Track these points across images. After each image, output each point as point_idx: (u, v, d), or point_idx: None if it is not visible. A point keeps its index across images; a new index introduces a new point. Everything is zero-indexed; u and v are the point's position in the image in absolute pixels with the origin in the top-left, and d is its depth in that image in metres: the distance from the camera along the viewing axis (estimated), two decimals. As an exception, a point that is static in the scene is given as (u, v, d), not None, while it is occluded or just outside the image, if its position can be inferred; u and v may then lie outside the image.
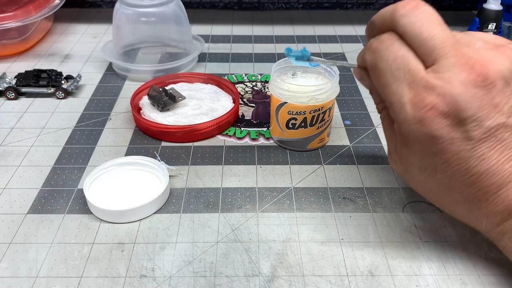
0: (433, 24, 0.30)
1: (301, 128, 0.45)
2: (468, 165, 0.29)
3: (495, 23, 0.62)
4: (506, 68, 0.29)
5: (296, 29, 0.77)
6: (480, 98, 0.28)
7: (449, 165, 0.30)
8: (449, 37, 0.29)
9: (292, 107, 0.44)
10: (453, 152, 0.29)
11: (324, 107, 0.44)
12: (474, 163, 0.29)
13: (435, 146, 0.29)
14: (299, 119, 0.44)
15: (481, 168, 0.29)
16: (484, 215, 0.31)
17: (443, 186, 0.31)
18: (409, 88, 0.29)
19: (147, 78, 0.59)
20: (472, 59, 0.28)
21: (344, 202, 0.41)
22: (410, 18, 0.30)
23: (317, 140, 0.46)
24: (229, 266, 0.34)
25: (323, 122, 0.45)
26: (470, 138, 0.28)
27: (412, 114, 0.29)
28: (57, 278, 0.33)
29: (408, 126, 0.30)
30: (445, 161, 0.30)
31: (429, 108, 0.29)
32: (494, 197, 0.30)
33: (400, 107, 0.30)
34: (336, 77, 0.44)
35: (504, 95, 0.28)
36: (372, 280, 0.33)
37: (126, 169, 0.43)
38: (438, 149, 0.29)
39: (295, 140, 0.46)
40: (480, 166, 0.29)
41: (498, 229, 0.31)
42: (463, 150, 0.29)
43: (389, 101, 0.31)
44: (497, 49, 0.30)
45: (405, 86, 0.30)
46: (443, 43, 0.29)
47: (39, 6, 0.65)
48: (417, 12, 0.30)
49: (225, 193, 0.42)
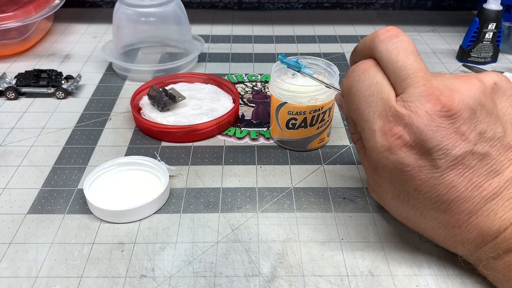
0: (409, 54, 0.31)
1: (301, 128, 0.45)
2: (438, 193, 0.30)
3: (495, 23, 0.62)
4: (471, 97, 0.29)
5: (296, 29, 0.77)
6: (445, 128, 0.29)
7: (420, 192, 0.30)
8: (422, 67, 0.30)
9: (292, 107, 0.44)
10: (422, 179, 0.30)
11: (324, 107, 0.44)
12: (443, 191, 0.30)
13: (404, 173, 0.30)
14: (299, 119, 0.44)
15: (450, 195, 0.29)
16: (459, 242, 0.31)
17: (418, 213, 0.32)
18: (380, 116, 0.30)
19: (147, 78, 0.59)
20: (438, 89, 0.29)
21: (344, 202, 0.41)
22: (388, 45, 0.31)
23: (317, 140, 0.46)
24: (229, 266, 0.34)
25: (323, 122, 0.45)
26: (437, 166, 0.29)
27: (381, 142, 0.30)
28: (57, 278, 0.33)
29: (377, 154, 0.31)
30: (415, 188, 0.30)
31: (396, 138, 0.29)
32: (466, 224, 0.30)
33: (370, 134, 0.31)
34: (336, 77, 0.44)
35: (471, 123, 0.29)
36: (372, 280, 0.33)
37: (126, 169, 0.43)
38: (407, 176, 0.30)
39: (295, 140, 0.46)
40: (450, 194, 0.29)
41: (474, 256, 0.31)
42: (431, 177, 0.29)
43: (361, 127, 0.32)
44: (464, 79, 0.31)
45: (376, 113, 0.30)
46: (415, 73, 0.30)
47: (39, 6, 0.65)
48: (395, 40, 0.31)
49: (225, 193, 0.42)
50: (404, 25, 0.80)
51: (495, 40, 0.64)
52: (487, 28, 0.63)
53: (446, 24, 0.81)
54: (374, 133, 0.30)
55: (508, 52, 0.69)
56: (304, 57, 0.47)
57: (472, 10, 0.87)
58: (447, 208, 0.30)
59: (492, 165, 0.29)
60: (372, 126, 0.31)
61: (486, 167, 0.29)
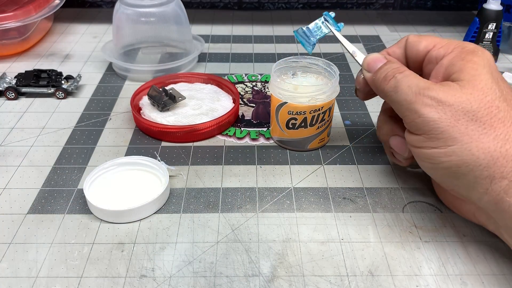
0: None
1: (301, 128, 0.45)
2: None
3: (495, 23, 0.62)
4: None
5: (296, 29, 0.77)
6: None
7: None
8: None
9: (292, 107, 0.44)
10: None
11: (324, 107, 0.44)
12: None
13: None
14: (299, 119, 0.44)
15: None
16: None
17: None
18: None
19: (147, 78, 0.59)
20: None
21: (344, 202, 0.41)
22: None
23: (317, 140, 0.46)
24: (229, 266, 0.34)
25: (323, 122, 0.45)
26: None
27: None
28: (57, 278, 0.33)
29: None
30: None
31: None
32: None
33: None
34: (336, 77, 0.44)
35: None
36: (372, 280, 0.33)
37: (126, 169, 0.43)
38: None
39: (295, 140, 0.46)
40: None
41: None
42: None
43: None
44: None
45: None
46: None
47: (39, 6, 0.65)
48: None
49: (225, 193, 0.42)
50: (404, 25, 0.80)
51: (495, 40, 0.64)
52: (487, 28, 0.63)
53: (446, 24, 0.81)
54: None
55: (508, 52, 0.69)
56: (304, 57, 0.47)
57: (472, 10, 0.87)
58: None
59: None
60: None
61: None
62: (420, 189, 0.42)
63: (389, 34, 0.76)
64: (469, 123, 0.31)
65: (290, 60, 0.47)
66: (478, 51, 0.34)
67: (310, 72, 0.47)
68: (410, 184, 0.43)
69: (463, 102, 0.31)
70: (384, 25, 0.80)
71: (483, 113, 0.31)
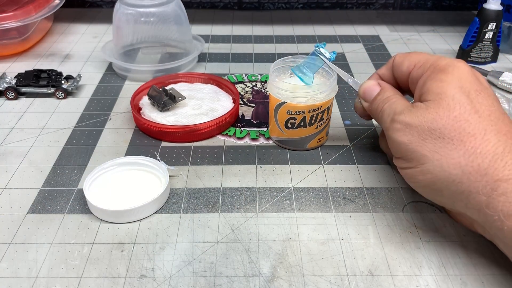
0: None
1: (300, 128, 0.45)
2: None
3: (495, 23, 0.62)
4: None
5: (296, 29, 0.77)
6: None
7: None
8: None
9: (291, 106, 0.44)
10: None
11: (323, 106, 0.44)
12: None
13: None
14: (298, 118, 0.44)
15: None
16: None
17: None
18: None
19: (147, 78, 0.59)
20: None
21: (344, 202, 0.41)
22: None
23: (316, 139, 0.46)
24: (229, 266, 0.34)
25: (322, 121, 0.45)
26: None
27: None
28: (57, 278, 0.33)
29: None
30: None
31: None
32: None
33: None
34: (334, 76, 0.44)
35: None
36: (372, 280, 0.33)
37: (126, 169, 0.43)
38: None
39: (294, 139, 0.46)
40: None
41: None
42: None
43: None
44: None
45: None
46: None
47: (39, 6, 0.65)
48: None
49: (225, 193, 0.42)
50: (404, 25, 0.80)
51: (495, 40, 0.64)
52: (487, 28, 0.63)
53: (446, 24, 0.80)
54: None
55: (508, 52, 0.69)
56: (301, 56, 0.47)
57: (472, 10, 0.87)
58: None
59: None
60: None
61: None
62: (420, 189, 0.42)
63: (389, 34, 0.76)
64: (437, 141, 0.32)
65: (287, 60, 0.47)
66: (449, 67, 0.34)
67: (308, 71, 0.47)
68: (410, 184, 0.43)
69: (428, 122, 0.33)
70: (384, 25, 0.80)
71: (450, 129, 0.32)
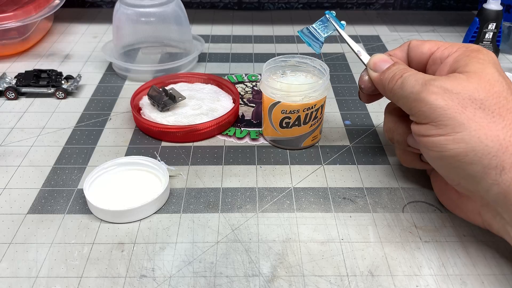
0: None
1: (295, 127, 0.45)
2: None
3: (495, 23, 0.62)
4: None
5: (296, 29, 0.77)
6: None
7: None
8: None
9: (285, 106, 0.44)
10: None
11: (317, 104, 0.44)
12: None
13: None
14: (293, 117, 0.44)
15: None
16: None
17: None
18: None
19: (147, 78, 0.59)
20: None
21: (344, 202, 0.41)
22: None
23: (311, 138, 0.47)
24: (229, 266, 0.34)
25: (316, 119, 0.45)
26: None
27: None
28: (57, 278, 0.33)
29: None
30: None
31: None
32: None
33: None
34: (327, 74, 0.44)
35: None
36: (372, 280, 0.33)
37: (126, 169, 0.43)
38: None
39: (289, 139, 0.46)
40: None
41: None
42: None
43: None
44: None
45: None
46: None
47: (39, 6, 0.65)
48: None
49: (225, 193, 0.42)
50: (404, 25, 0.80)
51: (495, 40, 0.64)
52: (487, 28, 0.63)
53: (446, 24, 0.81)
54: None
55: (508, 52, 0.69)
56: (292, 56, 0.47)
57: (472, 10, 0.87)
58: None
59: None
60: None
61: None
62: (420, 189, 0.42)
63: (389, 34, 0.76)
64: (477, 110, 0.31)
65: (279, 59, 0.47)
66: (483, 50, 0.34)
67: (299, 70, 0.47)
68: (410, 184, 0.43)
69: (470, 91, 0.31)
70: (384, 25, 0.80)
71: (491, 102, 0.31)
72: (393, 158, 0.46)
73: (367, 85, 0.40)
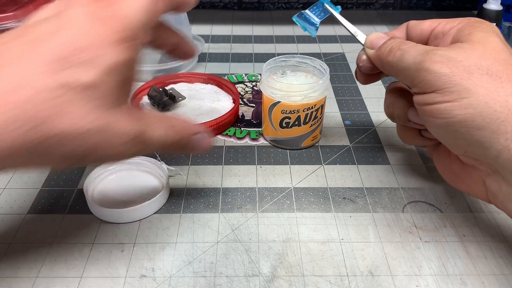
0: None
1: (295, 127, 0.45)
2: None
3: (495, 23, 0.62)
4: None
5: (296, 29, 0.77)
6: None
7: None
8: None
9: (285, 106, 0.44)
10: None
11: (317, 104, 0.44)
12: None
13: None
14: (293, 117, 0.44)
15: None
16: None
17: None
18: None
19: (147, 78, 0.59)
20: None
21: (344, 202, 0.41)
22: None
23: (311, 138, 0.47)
24: (229, 266, 0.34)
25: (316, 119, 0.45)
26: None
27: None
28: (57, 278, 0.33)
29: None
30: None
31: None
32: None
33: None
34: (327, 74, 0.44)
35: None
36: (372, 280, 0.33)
37: (126, 169, 0.43)
38: None
39: (289, 139, 0.46)
40: None
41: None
42: None
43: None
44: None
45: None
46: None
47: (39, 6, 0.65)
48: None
49: (225, 193, 0.42)
50: (404, 25, 0.80)
51: (495, 40, 0.64)
52: (487, 28, 0.63)
53: (446, 24, 0.80)
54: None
55: (508, 52, 0.69)
56: (292, 56, 0.47)
57: (472, 10, 0.87)
58: None
59: None
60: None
61: None
62: (420, 189, 0.42)
63: (389, 34, 0.76)
64: (484, 76, 0.30)
65: (279, 59, 0.47)
66: (486, 22, 0.34)
67: (299, 70, 0.48)
68: (410, 184, 0.43)
69: (475, 58, 0.31)
70: (384, 25, 0.80)
71: (498, 69, 0.30)
72: (393, 158, 0.46)
73: (365, 64, 0.39)
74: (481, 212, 0.39)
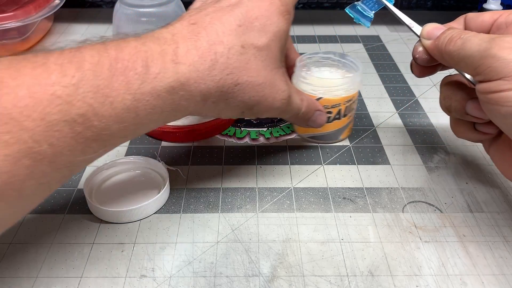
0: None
1: (336, 120, 0.46)
2: None
3: (495, 23, 0.62)
4: None
5: (296, 29, 0.77)
6: None
7: None
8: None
9: (328, 101, 0.44)
10: None
11: (354, 96, 0.45)
12: None
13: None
14: (334, 111, 0.45)
15: None
16: None
17: None
18: None
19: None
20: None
21: (344, 202, 0.41)
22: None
23: (348, 129, 0.48)
24: (229, 266, 0.34)
25: (352, 111, 0.47)
26: None
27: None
28: (57, 278, 0.33)
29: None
30: None
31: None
32: None
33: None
34: (359, 67, 0.46)
35: None
36: (372, 280, 0.33)
37: (126, 169, 0.43)
38: None
39: (329, 133, 0.47)
40: None
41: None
42: None
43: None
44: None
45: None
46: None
47: (39, 6, 0.65)
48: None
49: (225, 193, 0.42)
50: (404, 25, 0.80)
51: (495, 40, 0.64)
52: (487, 28, 0.63)
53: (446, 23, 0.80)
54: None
55: (508, 52, 0.69)
56: (315, 53, 0.48)
57: (472, 10, 0.87)
58: None
59: None
60: None
61: None
62: (420, 189, 0.42)
63: (389, 34, 0.76)
64: None
65: (305, 57, 0.48)
66: None
67: (323, 66, 0.48)
68: (410, 184, 0.43)
69: None
70: (384, 25, 0.80)
71: None
72: (393, 158, 0.46)
73: (422, 56, 0.39)
74: (481, 212, 0.39)
